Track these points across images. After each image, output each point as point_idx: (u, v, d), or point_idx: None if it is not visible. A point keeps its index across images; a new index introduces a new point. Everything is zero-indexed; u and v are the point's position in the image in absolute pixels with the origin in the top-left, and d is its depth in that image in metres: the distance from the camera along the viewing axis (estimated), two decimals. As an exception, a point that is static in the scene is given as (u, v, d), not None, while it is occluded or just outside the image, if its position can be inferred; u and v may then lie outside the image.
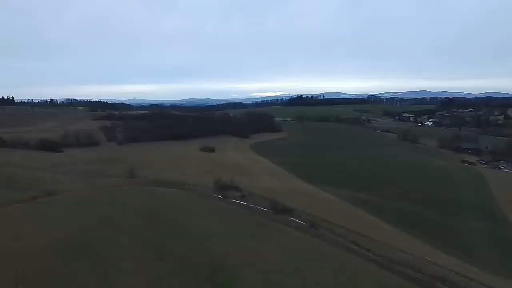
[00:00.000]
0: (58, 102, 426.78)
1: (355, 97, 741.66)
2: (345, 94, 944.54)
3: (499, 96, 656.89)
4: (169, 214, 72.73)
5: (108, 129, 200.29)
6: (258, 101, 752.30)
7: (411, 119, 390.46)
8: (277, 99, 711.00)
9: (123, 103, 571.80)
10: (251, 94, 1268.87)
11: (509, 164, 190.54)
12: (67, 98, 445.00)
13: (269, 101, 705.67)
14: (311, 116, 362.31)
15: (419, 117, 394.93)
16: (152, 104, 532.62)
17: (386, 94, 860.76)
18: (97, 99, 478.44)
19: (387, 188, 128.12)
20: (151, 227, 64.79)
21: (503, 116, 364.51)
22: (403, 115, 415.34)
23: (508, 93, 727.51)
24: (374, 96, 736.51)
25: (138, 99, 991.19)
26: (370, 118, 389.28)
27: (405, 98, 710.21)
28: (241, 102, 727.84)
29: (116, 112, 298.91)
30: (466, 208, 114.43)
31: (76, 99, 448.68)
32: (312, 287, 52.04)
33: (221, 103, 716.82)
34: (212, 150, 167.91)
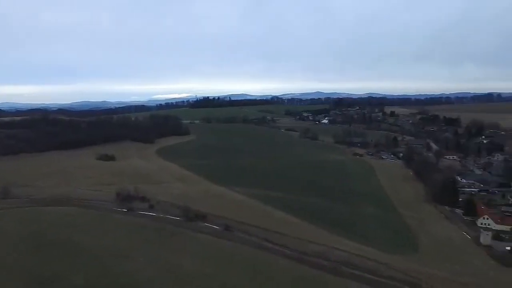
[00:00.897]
0: None
1: (259, 98, 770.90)
2: (250, 95, 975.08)
3: (378, 96, 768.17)
4: (61, 235, 62.39)
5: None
6: (163, 103, 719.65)
7: (310, 118, 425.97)
8: (183, 101, 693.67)
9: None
10: (154, 96, 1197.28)
11: (389, 154, 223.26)
12: None
13: (175, 103, 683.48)
14: (219, 118, 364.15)
15: (316, 115, 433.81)
16: (32, 109, 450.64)
17: (287, 95, 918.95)
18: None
19: (294, 184, 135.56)
20: (37, 254, 54.49)
21: (381, 113, 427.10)
22: (303, 114, 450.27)
23: (384, 94, 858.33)
24: (276, 97, 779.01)
25: (13, 103, 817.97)
26: (274, 118, 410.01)
27: (303, 99, 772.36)
28: (143, 105, 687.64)
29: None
30: (360, 196, 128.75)
31: None
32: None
33: (121, 106, 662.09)
34: (111, 158, 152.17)
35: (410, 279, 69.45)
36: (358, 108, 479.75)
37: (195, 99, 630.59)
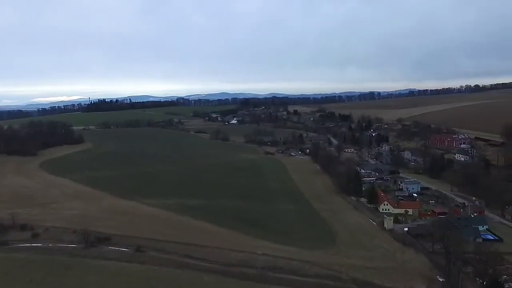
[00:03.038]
0: None
1: (164, 99, 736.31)
2: (153, 97, 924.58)
3: (281, 96, 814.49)
4: None
5: None
6: (46, 107, 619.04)
7: (219, 119, 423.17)
8: (73, 105, 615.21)
9: None
10: (35, 100, 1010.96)
11: (297, 150, 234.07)
12: None
13: (63, 107, 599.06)
14: (119, 122, 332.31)
15: (225, 116, 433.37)
16: None
17: (192, 96, 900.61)
18: None
19: (210, 188, 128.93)
20: None
21: (286, 112, 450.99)
22: (212, 115, 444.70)
23: (286, 94, 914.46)
24: (182, 99, 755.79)
25: None
26: (182, 120, 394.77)
27: (210, 100, 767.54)
28: (20, 110, 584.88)
29: None
30: (276, 194, 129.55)
31: None
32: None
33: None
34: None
35: (332, 273, 70.60)
36: (263, 107, 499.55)
37: (88, 102, 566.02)
